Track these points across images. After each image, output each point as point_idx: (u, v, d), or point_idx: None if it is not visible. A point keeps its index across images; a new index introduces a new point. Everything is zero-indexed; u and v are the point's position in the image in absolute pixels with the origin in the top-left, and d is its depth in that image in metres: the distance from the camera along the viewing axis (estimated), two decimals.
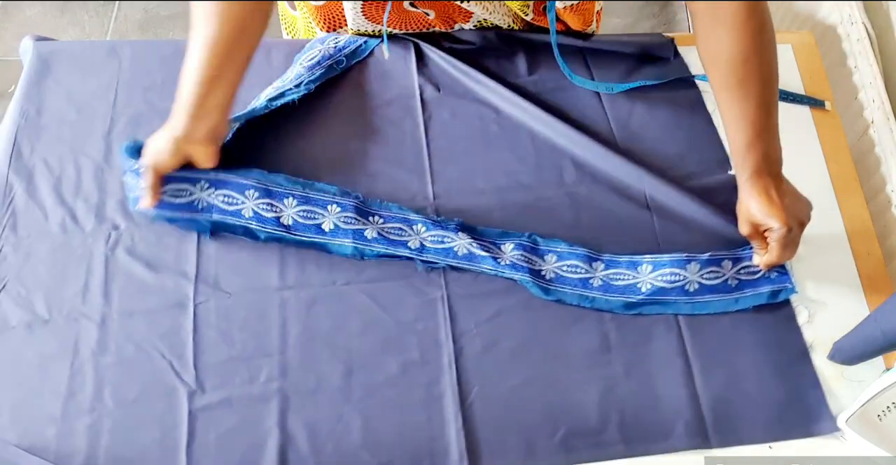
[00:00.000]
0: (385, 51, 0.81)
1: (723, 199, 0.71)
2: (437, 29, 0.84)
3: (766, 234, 0.66)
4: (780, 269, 0.68)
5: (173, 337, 0.65)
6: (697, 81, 0.82)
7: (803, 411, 0.63)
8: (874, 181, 0.79)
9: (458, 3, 0.80)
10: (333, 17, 0.82)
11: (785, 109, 0.81)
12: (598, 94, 0.81)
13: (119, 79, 0.80)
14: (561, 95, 0.81)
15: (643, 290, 0.67)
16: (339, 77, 0.80)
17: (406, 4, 0.81)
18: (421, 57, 0.82)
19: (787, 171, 0.67)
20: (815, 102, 0.82)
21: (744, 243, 0.69)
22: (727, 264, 0.69)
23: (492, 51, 0.83)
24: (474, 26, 0.83)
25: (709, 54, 0.66)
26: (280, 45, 0.84)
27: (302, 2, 0.84)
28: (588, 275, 0.68)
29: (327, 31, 0.84)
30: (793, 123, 0.80)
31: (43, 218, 0.70)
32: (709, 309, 0.67)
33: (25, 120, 0.76)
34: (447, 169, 0.75)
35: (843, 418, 0.61)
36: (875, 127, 0.80)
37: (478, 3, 0.81)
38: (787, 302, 0.68)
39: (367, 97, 0.80)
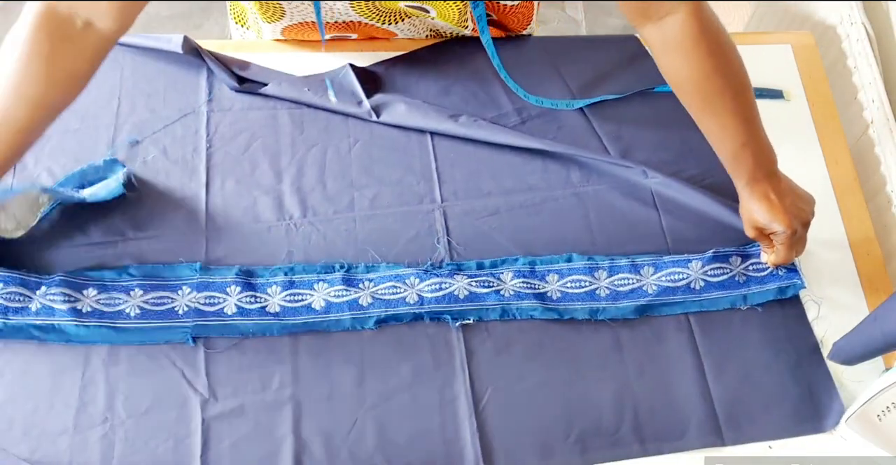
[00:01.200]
0: (331, 96, 0.78)
1: (728, 197, 0.72)
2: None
3: (771, 236, 0.67)
4: (788, 265, 0.69)
5: (184, 345, 0.64)
6: None
7: (815, 406, 0.64)
8: (874, 181, 0.80)
9: (383, 27, 0.81)
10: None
11: (785, 109, 0.82)
12: (584, 113, 0.80)
13: (121, 86, 0.79)
14: (547, 118, 0.80)
15: (650, 291, 0.68)
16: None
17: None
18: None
19: (788, 171, 0.68)
20: (772, 94, 0.83)
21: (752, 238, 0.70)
22: (735, 259, 0.70)
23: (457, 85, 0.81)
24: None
25: (669, 78, 0.66)
26: None
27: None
28: (593, 286, 0.69)
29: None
30: (793, 122, 0.81)
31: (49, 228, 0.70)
32: (717, 306, 0.68)
33: None
34: (454, 171, 0.76)
35: (844, 418, 0.61)
36: (875, 127, 0.81)
37: (403, 22, 0.82)
38: (796, 298, 0.69)
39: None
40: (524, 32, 0.88)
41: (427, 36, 0.87)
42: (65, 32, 0.58)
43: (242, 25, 0.88)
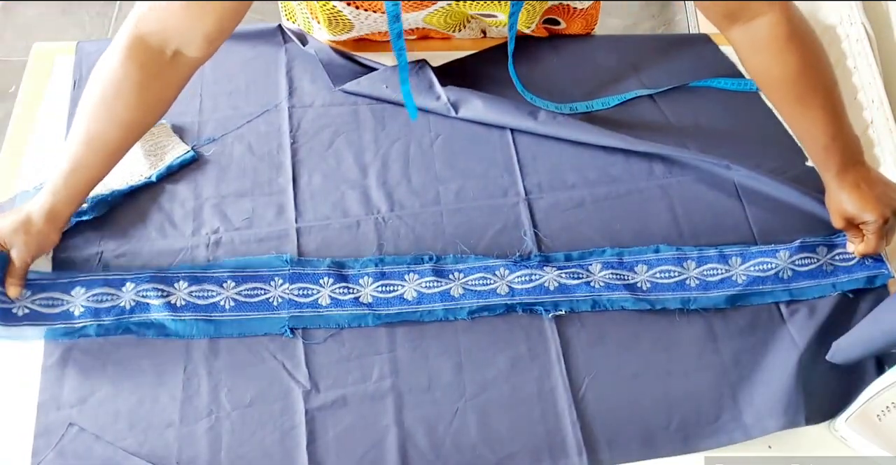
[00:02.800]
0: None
1: (811, 188, 0.73)
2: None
3: (860, 226, 0.67)
4: (875, 255, 0.69)
5: (282, 338, 0.65)
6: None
7: None
8: None
9: (451, 32, 0.82)
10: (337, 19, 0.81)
11: None
12: (661, 109, 0.82)
13: (202, 85, 0.79)
14: (624, 113, 0.81)
15: (739, 281, 0.68)
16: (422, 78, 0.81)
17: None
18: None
19: None
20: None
21: (839, 229, 0.70)
22: (822, 249, 0.70)
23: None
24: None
25: (759, 78, 0.66)
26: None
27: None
28: (683, 276, 0.69)
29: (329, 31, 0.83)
30: None
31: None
32: (806, 295, 0.69)
33: None
34: (536, 164, 0.76)
35: (843, 418, 0.61)
36: (874, 127, 0.81)
37: (464, 29, 0.83)
38: (885, 287, 0.69)
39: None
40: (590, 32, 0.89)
41: (481, 34, 0.87)
42: (156, 62, 0.61)
43: (293, 22, 0.89)
